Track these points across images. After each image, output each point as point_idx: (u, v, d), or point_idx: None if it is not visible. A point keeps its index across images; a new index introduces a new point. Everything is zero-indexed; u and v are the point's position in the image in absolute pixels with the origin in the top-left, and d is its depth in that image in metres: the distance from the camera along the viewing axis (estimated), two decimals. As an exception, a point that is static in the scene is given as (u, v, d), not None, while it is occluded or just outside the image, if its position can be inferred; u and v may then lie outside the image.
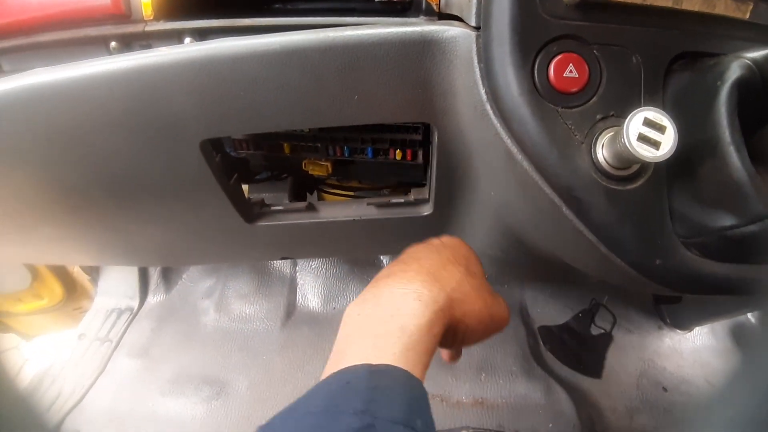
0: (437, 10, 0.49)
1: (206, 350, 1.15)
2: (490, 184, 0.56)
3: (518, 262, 0.78)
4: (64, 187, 0.67)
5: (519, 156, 0.44)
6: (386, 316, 0.39)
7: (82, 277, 1.42)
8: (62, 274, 1.40)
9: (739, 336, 1.20)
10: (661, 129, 0.36)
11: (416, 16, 0.57)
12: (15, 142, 0.59)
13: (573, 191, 0.42)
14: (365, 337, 0.39)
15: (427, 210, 0.66)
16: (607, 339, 1.15)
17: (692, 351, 1.17)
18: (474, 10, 0.44)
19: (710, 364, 1.15)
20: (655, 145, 0.36)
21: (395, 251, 1.12)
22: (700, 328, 1.20)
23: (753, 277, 0.43)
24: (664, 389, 1.09)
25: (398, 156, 0.61)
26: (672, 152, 0.36)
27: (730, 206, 0.38)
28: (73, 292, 1.44)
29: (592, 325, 1.16)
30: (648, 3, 0.42)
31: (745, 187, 0.36)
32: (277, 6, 0.67)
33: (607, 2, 0.41)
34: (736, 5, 0.44)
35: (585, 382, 1.08)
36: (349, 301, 1.12)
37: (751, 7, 0.45)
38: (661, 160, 0.36)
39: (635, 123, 0.36)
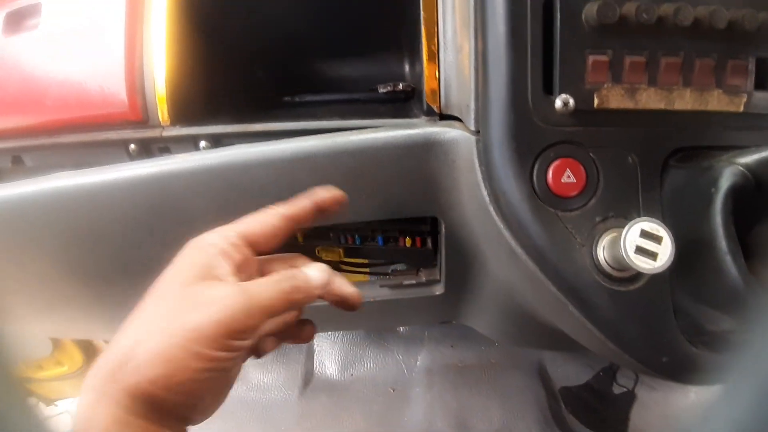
0: (438, 111, 0.52)
1: (225, 420, 1.14)
2: (499, 271, 0.57)
3: (533, 335, 0.78)
4: (86, 275, 0.69)
5: (523, 256, 0.45)
6: None
7: (102, 345, 1.44)
8: (82, 343, 1.42)
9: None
10: (657, 239, 0.37)
11: (419, 106, 0.60)
12: (39, 236, 0.62)
13: (577, 292, 0.43)
14: None
15: (438, 290, 0.67)
16: (630, 397, 1.13)
17: (719, 405, 1.14)
18: (472, 116, 0.46)
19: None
20: (653, 255, 0.37)
21: (409, 324, 1.13)
22: (725, 380, 1.17)
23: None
24: (692, 448, 1.06)
25: (408, 243, 0.63)
26: (669, 263, 0.37)
27: (729, 311, 0.39)
28: (94, 359, 1.46)
29: (614, 384, 1.15)
30: (641, 107, 0.43)
31: (742, 295, 0.37)
32: (286, 99, 0.70)
33: (600, 109, 0.43)
34: (729, 99, 0.45)
35: (609, 445, 1.06)
36: (367, 368, 1.14)
37: (744, 99, 0.46)
38: (658, 271, 0.37)
39: (632, 235, 0.38)
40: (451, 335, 1.14)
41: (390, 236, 0.63)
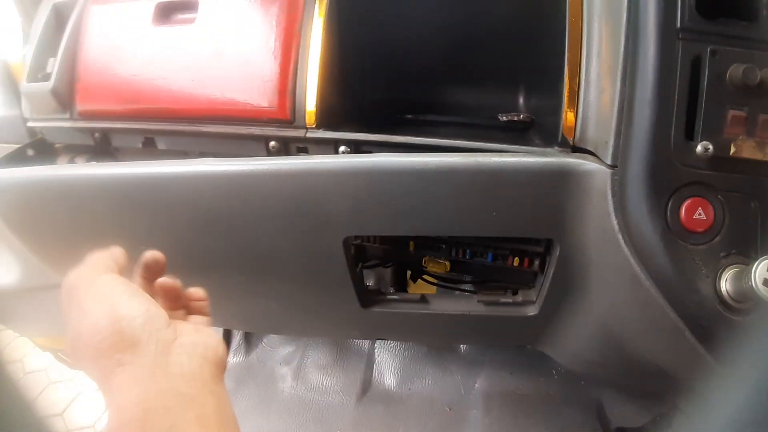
0: (572, 144, 0.57)
1: (281, 418, 1.18)
2: (606, 297, 0.61)
3: (615, 365, 0.81)
4: (202, 259, 0.74)
5: (647, 282, 0.50)
6: None
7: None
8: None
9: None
10: (783, 275, 0.42)
11: (538, 136, 0.65)
12: (173, 213, 0.67)
13: (698, 320, 0.48)
14: None
15: (532, 311, 0.72)
16: (682, 447, 1.13)
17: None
18: (611, 151, 0.51)
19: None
20: (778, 289, 0.42)
21: (490, 343, 1.16)
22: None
23: None
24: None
25: (515, 262, 0.68)
26: (794, 296, 0.42)
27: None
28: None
29: (670, 431, 1.15)
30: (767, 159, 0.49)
31: None
32: (408, 117, 0.77)
33: (733, 157, 0.48)
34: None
35: (661, 492, 1.06)
36: (425, 384, 1.18)
37: None
38: (783, 302, 0.42)
39: (761, 270, 0.42)
40: (510, 362, 1.16)
41: (500, 254, 0.68)
